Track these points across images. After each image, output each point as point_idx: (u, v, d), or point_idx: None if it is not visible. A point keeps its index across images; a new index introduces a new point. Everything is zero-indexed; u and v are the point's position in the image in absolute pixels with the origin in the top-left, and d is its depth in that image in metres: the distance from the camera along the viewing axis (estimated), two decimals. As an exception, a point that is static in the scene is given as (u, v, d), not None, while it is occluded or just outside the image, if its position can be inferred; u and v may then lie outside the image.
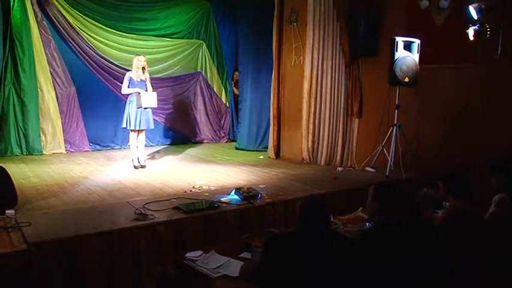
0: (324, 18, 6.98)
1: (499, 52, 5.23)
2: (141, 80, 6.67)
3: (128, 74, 6.74)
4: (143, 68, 6.68)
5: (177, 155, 8.22)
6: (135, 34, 8.83)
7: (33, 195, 5.11)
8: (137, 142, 6.78)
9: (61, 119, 8.12)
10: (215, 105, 10.03)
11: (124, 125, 6.69)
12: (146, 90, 6.69)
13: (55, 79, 8.04)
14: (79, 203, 4.80)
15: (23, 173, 6.33)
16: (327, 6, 6.92)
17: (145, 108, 6.62)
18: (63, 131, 8.15)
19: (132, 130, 6.68)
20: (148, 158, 7.60)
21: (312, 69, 7.14)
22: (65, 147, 8.18)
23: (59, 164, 7.03)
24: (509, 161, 4.08)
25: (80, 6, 8.13)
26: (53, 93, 8.02)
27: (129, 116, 6.59)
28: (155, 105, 6.79)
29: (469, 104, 5.78)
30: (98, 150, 8.42)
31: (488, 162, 4.13)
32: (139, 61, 6.69)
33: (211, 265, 2.95)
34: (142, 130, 6.76)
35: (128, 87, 6.62)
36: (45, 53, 7.89)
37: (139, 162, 6.79)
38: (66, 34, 8.05)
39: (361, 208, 4.42)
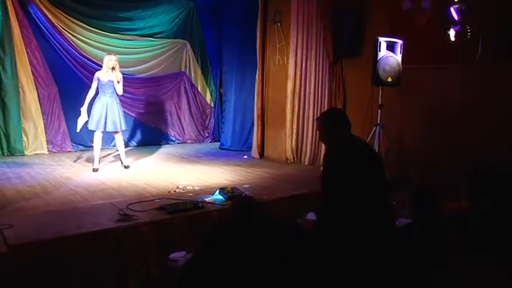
0: (307, 18, 7.02)
1: (479, 53, 5.31)
2: (110, 81, 6.42)
3: (96, 74, 6.49)
4: (113, 68, 6.41)
5: (160, 155, 8.19)
6: (118, 34, 8.76)
7: (15, 196, 5.04)
8: (116, 144, 6.58)
9: (43, 119, 8.03)
10: (199, 105, 10.01)
11: (87, 125, 6.48)
12: (114, 92, 6.50)
13: (37, 79, 7.94)
14: (62, 204, 4.74)
15: (4, 174, 6.24)
16: (310, 7, 6.95)
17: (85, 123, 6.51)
18: (45, 132, 8.06)
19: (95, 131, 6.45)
20: (132, 158, 7.56)
21: (295, 69, 7.17)
22: (47, 147, 8.09)
23: (41, 165, 6.95)
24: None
25: (62, 6, 8.02)
26: (35, 93, 7.92)
27: (92, 115, 6.36)
28: (86, 119, 6.55)
29: (451, 104, 5.85)
30: (81, 150, 8.35)
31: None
32: (110, 60, 6.42)
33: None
34: (117, 132, 6.58)
35: (97, 87, 6.40)
36: (27, 53, 7.78)
37: (97, 164, 6.55)
38: (48, 33, 7.95)
39: None
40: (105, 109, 6.39)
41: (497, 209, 3.66)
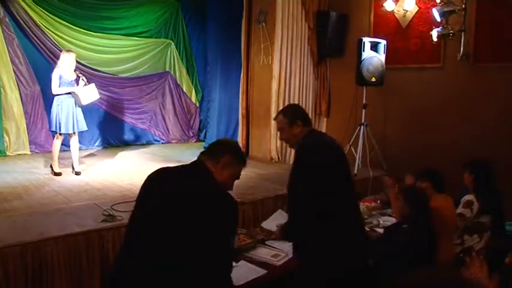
0: (292, 18, 7.04)
1: (460, 54, 5.39)
2: (73, 80, 6.17)
3: (56, 71, 6.14)
4: (72, 67, 6.19)
5: (145, 155, 8.15)
6: (102, 33, 8.68)
7: (-4, 197, 4.98)
8: (70, 146, 6.32)
9: (25, 119, 7.91)
10: (184, 105, 9.98)
11: (53, 128, 6.19)
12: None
13: (19, 78, 7.83)
14: (44, 205, 4.69)
15: (-14, 174, 6.16)
16: (295, 7, 6.98)
17: (85, 103, 6.23)
18: (27, 132, 7.95)
19: (60, 133, 6.20)
20: (116, 159, 7.51)
21: (280, 69, 7.18)
22: (30, 148, 7.98)
23: (24, 165, 6.87)
24: (481, 160, 4.21)
25: (45, 4, 7.92)
26: (17, 93, 7.81)
27: (59, 118, 6.08)
28: (97, 96, 6.42)
29: (434, 104, 5.93)
30: (64, 151, 8.23)
31: (455, 161, 4.27)
32: (70, 58, 6.16)
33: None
34: (75, 133, 6.30)
35: (59, 86, 6.10)
36: (8, 51, 7.65)
37: (73, 168, 6.31)
38: (30, 32, 7.85)
39: None
40: (71, 110, 6.14)
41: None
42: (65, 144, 8.15)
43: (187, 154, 8.24)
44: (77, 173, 6.24)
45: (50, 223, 3.82)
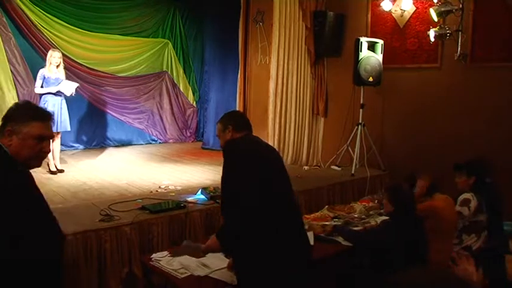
0: (289, 18, 7.03)
1: (457, 54, 5.40)
2: (56, 78, 6.23)
3: (41, 71, 6.25)
4: (57, 66, 6.24)
5: (142, 155, 8.14)
6: (99, 33, 8.68)
7: (-7, 197, 4.95)
8: (52, 145, 6.21)
9: (22, 119, 7.89)
10: (181, 104, 9.98)
11: None
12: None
13: (16, 78, 7.81)
14: (42, 204, 4.68)
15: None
16: (292, 7, 6.97)
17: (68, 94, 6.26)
18: (24, 131, 7.92)
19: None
20: (114, 158, 7.50)
21: (277, 69, 7.18)
22: (27, 147, 7.95)
23: (21, 165, 6.83)
24: (474, 160, 4.22)
25: (42, 3, 7.92)
26: (14, 92, 7.79)
27: None
28: (76, 84, 6.46)
29: (431, 104, 5.94)
30: (62, 150, 8.22)
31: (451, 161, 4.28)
32: (53, 57, 6.22)
33: (176, 266, 2.96)
34: (58, 132, 6.31)
35: (42, 86, 6.18)
36: (5, 51, 7.65)
37: (56, 167, 6.32)
38: (27, 31, 7.84)
39: (327, 206, 4.54)
40: (56, 109, 6.16)
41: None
42: (64, 144, 8.20)
43: (185, 154, 8.26)
44: (60, 171, 6.28)
45: (48, 223, 3.81)
